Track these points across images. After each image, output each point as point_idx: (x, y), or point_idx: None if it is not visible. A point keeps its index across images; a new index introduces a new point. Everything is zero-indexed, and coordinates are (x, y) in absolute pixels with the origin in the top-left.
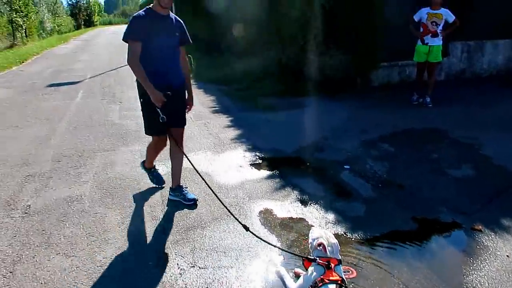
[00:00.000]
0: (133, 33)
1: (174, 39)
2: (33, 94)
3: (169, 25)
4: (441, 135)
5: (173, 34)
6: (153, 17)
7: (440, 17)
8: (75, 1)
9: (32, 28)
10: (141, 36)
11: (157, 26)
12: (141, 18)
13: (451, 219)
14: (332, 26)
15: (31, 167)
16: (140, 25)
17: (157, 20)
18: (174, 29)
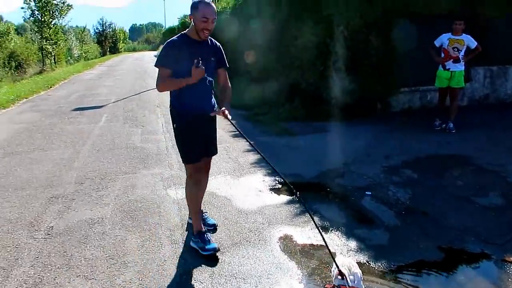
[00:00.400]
0: (163, 59)
1: (210, 64)
2: (59, 118)
3: (205, 50)
4: (465, 161)
5: (208, 59)
6: (186, 43)
7: (462, 43)
8: (101, 29)
9: (61, 55)
10: (171, 63)
11: (190, 52)
12: (172, 44)
13: (480, 249)
14: (352, 52)
15: (55, 189)
16: (171, 52)
17: (190, 46)
18: (210, 53)
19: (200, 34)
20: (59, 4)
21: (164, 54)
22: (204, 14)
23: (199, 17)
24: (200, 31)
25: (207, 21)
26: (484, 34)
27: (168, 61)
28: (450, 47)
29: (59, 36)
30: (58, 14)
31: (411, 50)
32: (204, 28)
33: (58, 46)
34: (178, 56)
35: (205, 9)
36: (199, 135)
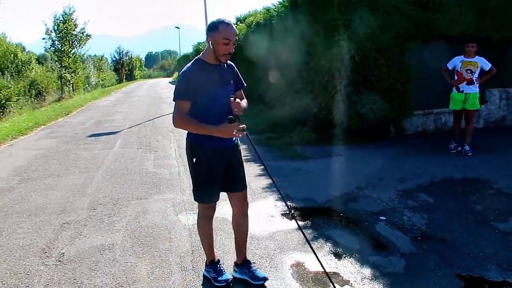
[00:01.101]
0: (181, 92)
1: (230, 87)
2: (75, 144)
3: (222, 73)
4: (483, 185)
5: (228, 83)
6: (203, 69)
7: (475, 65)
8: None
9: (79, 83)
10: (191, 94)
11: (208, 78)
12: (189, 74)
13: (502, 278)
14: (363, 76)
15: (68, 215)
16: (189, 82)
17: (208, 72)
18: (227, 76)
19: (221, 58)
20: (79, 34)
21: (181, 86)
22: (226, 35)
23: (220, 39)
24: (221, 55)
25: (228, 44)
26: (498, 56)
27: (187, 93)
28: (463, 69)
29: (78, 64)
30: (77, 43)
31: (423, 72)
32: (227, 52)
33: (77, 74)
34: (197, 86)
35: (226, 30)
36: (218, 173)
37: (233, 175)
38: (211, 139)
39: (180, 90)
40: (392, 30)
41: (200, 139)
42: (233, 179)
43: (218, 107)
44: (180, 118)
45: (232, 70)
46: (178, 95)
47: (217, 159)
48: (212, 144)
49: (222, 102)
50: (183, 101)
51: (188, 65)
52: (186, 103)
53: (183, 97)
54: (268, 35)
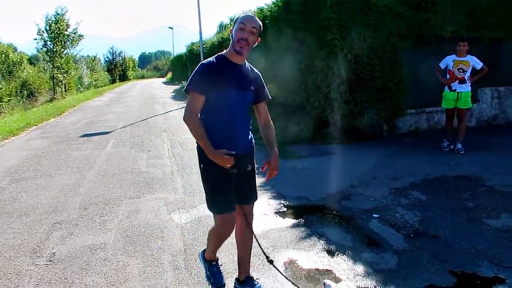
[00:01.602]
0: (197, 84)
1: (249, 93)
2: (67, 144)
3: (244, 76)
4: (476, 182)
5: (248, 88)
6: (224, 65)
7: (467, 64)
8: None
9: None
10: (207, 88)
11: (228, 76)
12: (209, 66)
13: (493, 273)
14: (356, 75)
15: (59, 215)
16: (207, 75)
17: (229, 70)
18: (249, 81)
19: (236, 46)
20: (71, 34)
21: (199, 77)
22: (242, 20)
23: (237, 25)
24: (236, 43)
25: (244, 28)
26: (490, 55)
27: (203, 86)
28: (455, 68)
29: (70, 65)
30: (69, 44)
31: (416, 72)
32: (240, 37)
33: (69, 74)
34: (214, 80)
35: (243, 16)
36: (232, 179)
37: (244, 185)
38: (219, 143)
39: (195, 81)
40: (385, 29)
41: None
42: (245, 190)
43: (231, 112)
44: (192, 118)
45: (257, 77)
46: (191, 85)
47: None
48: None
49: (236, 106)
50: (197, 93)
51: (210, 59)
52: (200, 96)
53: (197, 89)
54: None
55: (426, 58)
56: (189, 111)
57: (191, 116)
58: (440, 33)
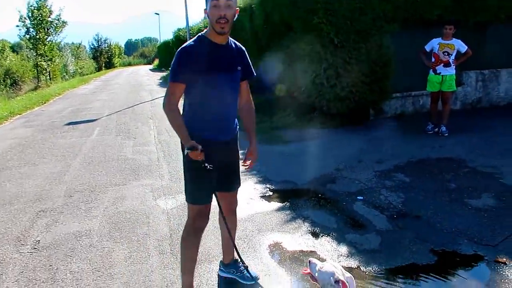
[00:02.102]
0: (176, 72)
1: (236, 74)
2: (51, 132)
3: (229, 57)
4: (459, 164)
5: (234, 68)
6: (207, 47)
7: (452, 47)
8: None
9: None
10: (187, 76)
11: (212, 59)
12: (188, 51)
13: (473, 251)
14: (343, 59)
15: (44, 203)
16: (187, 61)
17: (212, 52)
18: (235, 61)
19: (216, 27)
20: (54, 21)
21: (178, 65)
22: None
23: (209, 4)
24: (215, 24)
25: (217, 6)
26: (475, 38)
27: (181, 74)
28: (440, 51)
29: (54, 52)
30: (53, 31)
31: (402, 55)
32: (218, 16)
33: (53, 62)
34: (196, 66)
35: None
36: (214, 169)
37: (229, 173)
38: (206, 129)
39: (174, 69)
40: (371, 13)
41: (193, 129)
42: (230, 177)
43: (219, 97)
44: (170, 106)
45: (243, 54)
46: (173, 75)
47: (215, 154)
48: (208, 136)
49: (224, 90)
50: (176, 83)
51: (189, 42)
52: (179, 85)
53: (177, 78)
54: (248, 19)
55: (413, 41)
56: (168, 100)
57: (170, 105)
58: (427, 16)
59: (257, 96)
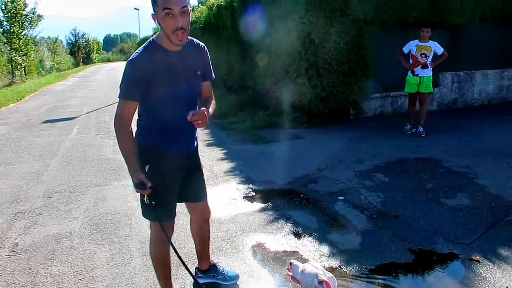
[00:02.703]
0: (126, 89)
1: (196, 81)
2: (28, 130)
3: (187, 63)
4: (435, 164)
5: (194, 75)
6: (161, 56)
7: (429, 49)
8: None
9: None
10: (139, 92)
11: (167, 69)
12: (139, 64)
13: (448, 249)
14: (323, 59)
15: (22, 204)
16: (138, 76)
17: (168, 60)
18: (194, 67)
19: (173, 39)
20: (29, 14)
21: (129, 80)
22: (166, 4)
23: (161, 12)
24: (171, 35)
25: (172, 15)
26: (451, 41)
27: (134, 90)
28: (418, 53)
29: (30, 47)
30: (28, 24)
31: (381, 56)
32: (174, 28)
33: (29, 57)
34: (149, 80)
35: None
36: (176, 183)
37: (194, 183)
38: (169, 141)
39: (126, 85)
40: (351, 14)
41: (154, 142)
42: (195, 188)
43: (178, 107)
44: (119, 128)
45: (202, 56)
46: (124, 93)
47: (176, 167)
48: (170, 149)
49: (183, 100)
50: (127, 101)
51: (139, 51)
52: (131, 103)
53: (128, 95)
54: (229, 18)
55: (391, 42)
56: (118, 119)
57: (120, 125)
58: (404, 18)
59: (239, 95)
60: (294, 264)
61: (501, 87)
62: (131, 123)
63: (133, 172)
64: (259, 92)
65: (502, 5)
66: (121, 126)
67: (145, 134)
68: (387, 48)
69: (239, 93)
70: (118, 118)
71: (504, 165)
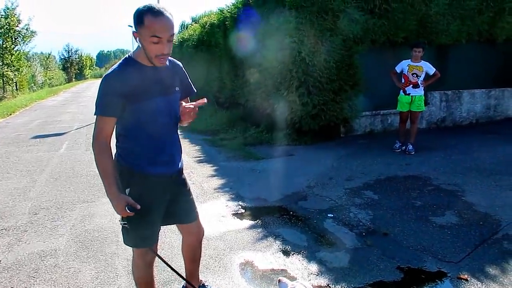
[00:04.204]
0: (104, 105)
1: (175, 96)
2: (17, 146)
3: (165, 78)
4: (424, 182)
5: (173, 90)
6: (135, 71)
7: (421, 69)
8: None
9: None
10: (117, 108)
11: (146, 85)
12: (115, 80)
13: (437, 268)
14: (313, 78)
15: (6, 221)
16: (115, 91)
17: (145, 77)
18: (172, 82)
19: (155, 61)
20: (23, 30)
21: (106, 95)
22: (154, 32)
23: (147, 36)
24: (153, 58)
25: (160, 42)
26: (438, 60)
27: (111, 107)
28: (409, 73)
29: (22, 62)
30: (21, 40)
31: (371, 75)
32: (159, 53)
33: (21, 72)
34: (127, 96)
35: (154, 23)
36: (160, 207)
37: (182, 204)
38: (151, 162)
39: (103, 101)
40: (341, 33)
41: (135, 164)
42: (184, 209)
43: (158, 124)
44: (98, 148)
45: (178, 72)
46: (100, 108)
47: (159, 189)
48: (152, 170)
49: (162, 116)
50: (105, 117)
51: (115, 67)
52: (109, 120)
53: (105, 111)
54: (222, 36)
55: (381, 61)
56: (96, 139)
57: (98, 145)
58: (393, 38)
59: (230, 111)
60: (283, 282)
61: (488, 106)
62: (110, 142)
63: (115, 196)
64: (251, 109)
65: (487, 26)
66: (100, 146)
67: (125, 156)
68: (377, 67)
69: (230, 110)
70: (97, 138)
71: (492, 183)
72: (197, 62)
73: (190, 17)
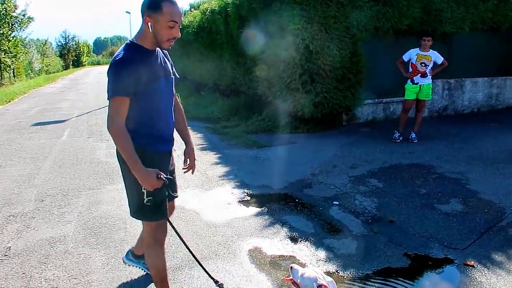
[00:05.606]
0: (119, 86)
1: (172, 78)
2: (18, 133)
3: (163, 61)
4: (428, 170)
5: (170, 72)
6: (140, 55)
7: (429, 58)
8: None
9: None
10: (132, 88)
11: (152, 66)
12: (128, 62)
13: (443, 254)
14: (317, 65)
15: (13, 207)
16: (129, 72)
17: (149, 59)
18: (169, 64)
19: (164, 44)
20: (19, 16)
21: (119, 77)
22: (173, 17)
23: (164, 22)
24: (164, 41)
25: (175, 27)
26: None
27: (127, 87)
28: (418, 62)
29: (19, 49)
30: (18, 26)
31: (374, 63)
32: (171, 37)
33: (18, 59)
34: (139, 76)
35: (172, 10)
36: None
37: (174, 179)
38: (155, 141)
39: (117, 83)
40: (345, 21)
41: (143, 143)
42: (174, 183)
43: (163, 104)
44: (117, 130)
45: (169, 59)
46: (115, 90)
47: (167, 164)
48: (158, 148)
49: (165, 97)
50: (119, 97)
51: (122, 52)
52: (123, 100)
53: (120, 92)
54: (223, 23)
55: (384, 49)
56: (112, 121)
57: (117, 127)
58: (397, 26)
59: (232, 99)
60: (295, 268)
61: (490, 95)
62: (124, 123)
63: (144, 171)
64: (252, 97)
65: (491, 14)
66: (119, 128)
67: (136, 137)
68: (381, 55)
69: (232, 98)
70: (114, 120)
71: (495, 171)
72: (197, 49)
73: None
